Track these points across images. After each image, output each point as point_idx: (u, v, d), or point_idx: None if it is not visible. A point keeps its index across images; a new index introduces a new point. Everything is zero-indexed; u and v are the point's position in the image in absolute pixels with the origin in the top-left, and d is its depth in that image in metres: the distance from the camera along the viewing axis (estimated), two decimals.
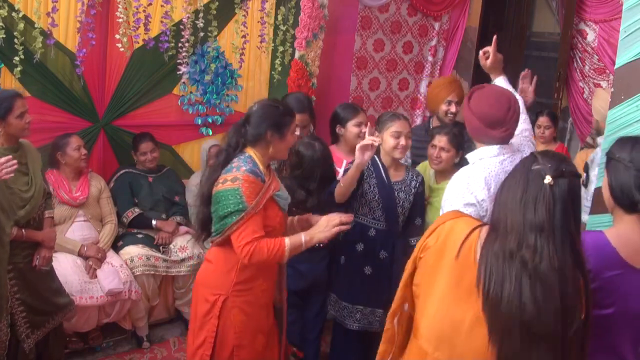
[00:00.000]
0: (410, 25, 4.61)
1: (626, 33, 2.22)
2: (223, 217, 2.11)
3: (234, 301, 2.21)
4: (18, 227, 2.50)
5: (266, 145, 2.20)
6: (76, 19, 3.20)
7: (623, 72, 2.25)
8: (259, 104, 2.25)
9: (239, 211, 2.08)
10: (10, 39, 3.01)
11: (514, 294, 1.40)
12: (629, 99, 2.22)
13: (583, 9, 4.77)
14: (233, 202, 2.08)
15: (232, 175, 2.11)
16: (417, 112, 4.82)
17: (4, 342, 2.50)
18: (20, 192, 2.50)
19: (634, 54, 2.19)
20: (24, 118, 2.48)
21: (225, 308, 2.20)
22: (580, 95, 4.89)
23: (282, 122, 2.20)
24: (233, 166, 2.14)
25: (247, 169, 2.12)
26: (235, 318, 2.22)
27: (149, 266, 3.27)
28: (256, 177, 2.13)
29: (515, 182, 1.49)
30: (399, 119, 2.70)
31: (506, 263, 1.42)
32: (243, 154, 2.19)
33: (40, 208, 2.64)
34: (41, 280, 2.67)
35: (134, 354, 3.26)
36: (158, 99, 3.67)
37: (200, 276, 2.32)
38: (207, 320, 2.22)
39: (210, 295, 2.22)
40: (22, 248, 2.55)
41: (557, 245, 1.40)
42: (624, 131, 2.28)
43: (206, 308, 2.22)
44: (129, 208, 3.45)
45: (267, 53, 3.96)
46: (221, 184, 2.12)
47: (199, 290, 2.29)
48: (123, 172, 3.53)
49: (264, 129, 2.17)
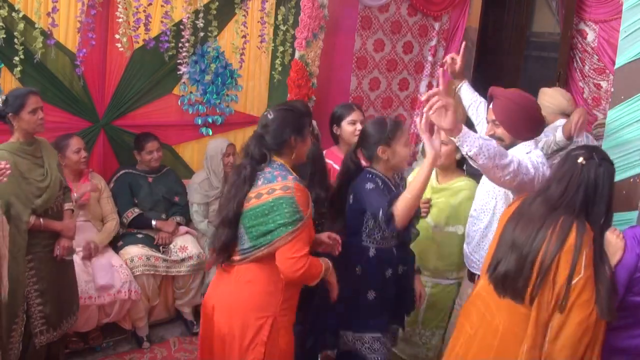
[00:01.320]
0: (410, 25, 4.61)
1: (626, 33, 2.23)
2: (274, 229, 1.97)
3: (282, 321, 2.07)
4: (36, 217, 2.59)
5: (290, 151, 2.11)
6: (76, 19, 3.20)
7: (623, 72, 2.25)
8: (274, 111, 2.13)
9: (297, 221, 1.96)
10: (11, 39, 3.01)
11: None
12: (629, 99, 2.23)
13: (583, 9, 4.77)
14: (289, 211, 1.96)
15: (280, 184, 1.99)
16: (417, 112, 4.82)
17: (20, 327, 2.58)
18: (36, 182, 2.59)
19: (634, 54, 2.19)
20: (36, 114, 2.57)
21: (273, 331, 2.04)
22: (580, 95, 4.89)
23: (302, 124, 2.13)
24: (275, 175, 2.02)
25: (294, 177, 2.03)
26: (282, 340, 2.08)
27: (149, 266, 3.27)
28: (304, 186, 2.04)
29: (557, 164, 1.96)
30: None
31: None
32: (274, 162, 2.08)
33: (59, 199, 2.73)
34: (61, 273, 2.77)
35: (134, 354, 3.26)
36: (158, 99, 3.67)
37: (234, 299, 2.07)
38: (253, 349, 2.03)
39: (255, 319, 2.02)
40: (42, 238, 2.65)
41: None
42: (624, 131, 2.28)
43: (251, 334, 2.02)
44: (129, 208, 3.45)
45: (267, 53, 3.96)
46: (267, 195, 1.99)
47: (235, 317, 2.06)
48: (123, 172, 3.53)
49: (288, 134, 2.08)
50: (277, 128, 2.07)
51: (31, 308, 2.63)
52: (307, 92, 3.94)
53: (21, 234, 2.52)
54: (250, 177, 2.05)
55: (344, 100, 4.35)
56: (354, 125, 3.04)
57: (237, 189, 2.05)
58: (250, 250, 2.03)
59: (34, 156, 2.62)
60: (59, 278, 2.76)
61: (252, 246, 2.02)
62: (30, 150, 2.61)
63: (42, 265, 2.66)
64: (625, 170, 2.37)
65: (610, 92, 2.26)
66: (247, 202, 2.03)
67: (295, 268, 1.95)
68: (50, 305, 2.69)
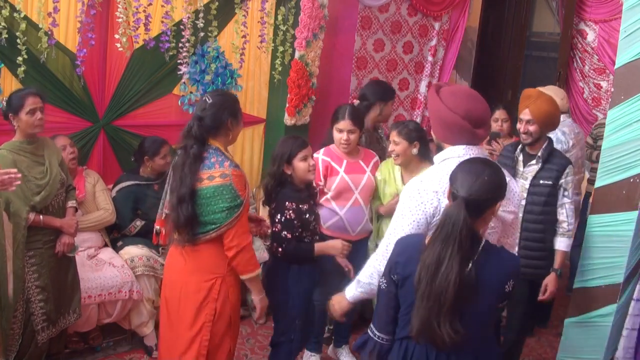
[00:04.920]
0: (410, 25, 4.61)
1: (626, 33, 2.23)
2: (217, 211, 2.18)
3: (230, 280, 2.29)
4: (36, 213, 2.62)
5: (226, 134, 2.30)
6: (76, 19, 3.20)
7: (623, 72, 2.25)
8: (213, 96, 2.31)
9: (237, 206, 2.18)
10: (13, 39, 3.01)
11: None
12: (629, 99, 2.23)
13: (583, 9, 4.78)
14: (229, 197, 2.17)
15: (218, 172, 2.19)
16: (416, 112, 4.83)
17: (20, 321, 2.61)
18: (36, 180, 2.63)
19: (634, 54, 2.19)
20: (34, 115, 2.59)
21: (222, 290, 2.27)
22: (580, 95, 4.90)
23: (237, 108, 2.34)
24: (213, 162, 2.21)
25: (230, 164, 2.22)
26: (232, 296, 2.31)
27: (149, 267, 3.27)
28: (240, 170, 2.25)
29: None
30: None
31: None
32: (210, 147, 2.25)
33: (59, 197, 2.75)
34: (62, 270, 2.80)
35: (134, 354, 3.26)
36: (158, 99, 3.66)
37: (185, 269, 2.30)
38: (204, 306, 2.26)
39: (205, 281, 2.26)
40: (42, 234, 2.69)
41: None
42: (624, 131, 2.28)
43: (203, 295, 2.26)
44: (131, 223, 3.40)
45: (267, 53, 3.96)
46: (208, 181, 2.19)
47: (189, 281, 2.28)
48: (127, 185, 3.44)
49: (226, 117, 2.27)
50: (216, 111, 2.26)
51: (32, 304, 2.66)
52: (307, 92, 3.94)
53: (20, 231, 2.55)
54: (199, 154, 2.21)
55: (344, 100, 4.35)
56: (341, 134, 2.98)
57: (189, 167, 2.20)
58: (202, 232, 2.24)
59: (34, 154, 2.66)
60: (60, 274, 2.79)
61: (201, 232, 2.23)
62: (31, 149, 2.65)
63: (43, 262, 2.69)
64: (625, 170, 2.37)
65: (610, 92, 2.25)
66: (199, 182, 2.20)
67: (231, 245, 2.21)
68: (52, 301, 2.72)
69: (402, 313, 1.79)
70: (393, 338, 1.83)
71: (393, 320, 1.82)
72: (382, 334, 1.83)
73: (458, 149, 1.94)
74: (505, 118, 3.81)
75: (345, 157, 3.04)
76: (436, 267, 1.61)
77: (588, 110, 4.84)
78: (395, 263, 1.78)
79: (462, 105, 1.91)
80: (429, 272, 1.62)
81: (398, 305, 1.79)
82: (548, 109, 2.80)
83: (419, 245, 1.74)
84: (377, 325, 1.85)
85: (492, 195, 1.68)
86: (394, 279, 1.77)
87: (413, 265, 1.69)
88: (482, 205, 1.67)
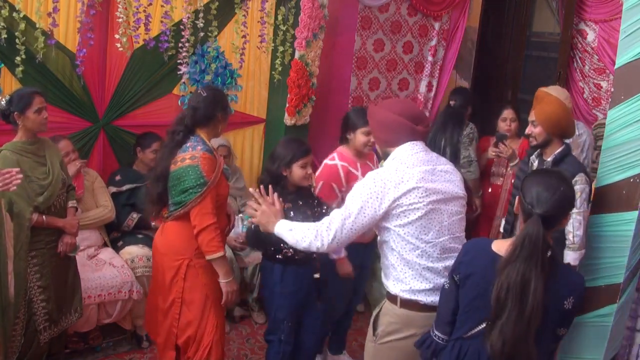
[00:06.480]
0: (410, 25, 4.61)
1: (626, 33, 2.22)
2: (184, 190, 2.36)
3: (198, 263, 2.47)
4: (39, 214, 2.65)
5: (215, 126, 2.52)
6: (76, 19, 3.20)
7: (623, 72, 2.25)
8: (207, 90, 2.53)
9: (201, 185, 2.35)
10: (12, 39, 3.01)
11: None
12: (629, 99, 2.22)
13: (583, 9, 4.77)
14: (194, 177, 2.35)
15: (189, 154, 2.38)
16: None
17: (22, 321, 2.62)
18: (38, 180, 2.65)
19: (634, 54, 2.19)
20: (41, 114, 2.62)
21: (189, 270, 2.47)
22: (580, 95, 4.90)
23: (227, 103, 2.60)
24: (188, 146, 2.41)
25: (203, 148, 2.41)
26: (204, 276, 2.48)
27: (149, 267, 3.27)
28: (211, 154, 2.43)
29: None
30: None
31: None
32: (193, 135, 2.46)
33: (61, 197, 2.78)
34: (64, 270, 2.83)
35: (134, 354, 3.26)
36: (158, 99, 3.67)
37: (161, 246, 2.54)
38: (174, 283, 2.49)
39: (174, 261, 2.48)
40: (45, 235, 2.71)
41: None
42: (624, 131, 2.28)
43: (172, 273, 2.49)
44: (128, 216, 3.43)
45: (267, 53, 3.96)
46: (180, 162, 2.39)
47: (163, 260, 2.53)
48: (120, 178, 3.48)
49: (218, 110, 2.49)
50: (209, 104, 2.47)
51: (34, 305, 2.67)
52: (307, 92, 3.94)
53: (24, 231, 2.57)
54: (181, 142, 2.43)
55: (344, 100, 4.35)
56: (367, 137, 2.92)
57: (170, 151, 2.44)
58: (172, 211, 2.46)
59: (36, 155, 2.67)
60: (61, 274, 2.80)
61: (173, 209, 2.45)
62: (33, 149, 2.66)
63: (45, 262, 2.70)
64: (625, 170, 2.36)
65: (610, 92, 2.25)
66: (174, 164, 2.41)
67: (194, 224, 2.37)
68: (54, 301, 2.73)
69: (459, 313, 1.84)
70: (449, 338, 1.89)
71: (451, 322, 1.88)
72: (439, 332, 1.91)
73: (404, 146, 2.08)
74: (513, 117, 3.74)
75: (357, 160, 2.99)
76: (522, 287, 1.62)
77: (588, 110, 4.84)
78: (460, 263, 1.84)
79: (398, 106, 2.13)
80: (515, 293, 1.62)
81: (457, 307, 1.85)
82: (552, 110, 2.70)
83: (486, 247, 1.82)
84: (436, 324, 1.92)
85: (567, 210, 1.76)
86: (455, 279, 1.83)
87: (475, 266, 1.77)
88: (557, 220, 1.74)
